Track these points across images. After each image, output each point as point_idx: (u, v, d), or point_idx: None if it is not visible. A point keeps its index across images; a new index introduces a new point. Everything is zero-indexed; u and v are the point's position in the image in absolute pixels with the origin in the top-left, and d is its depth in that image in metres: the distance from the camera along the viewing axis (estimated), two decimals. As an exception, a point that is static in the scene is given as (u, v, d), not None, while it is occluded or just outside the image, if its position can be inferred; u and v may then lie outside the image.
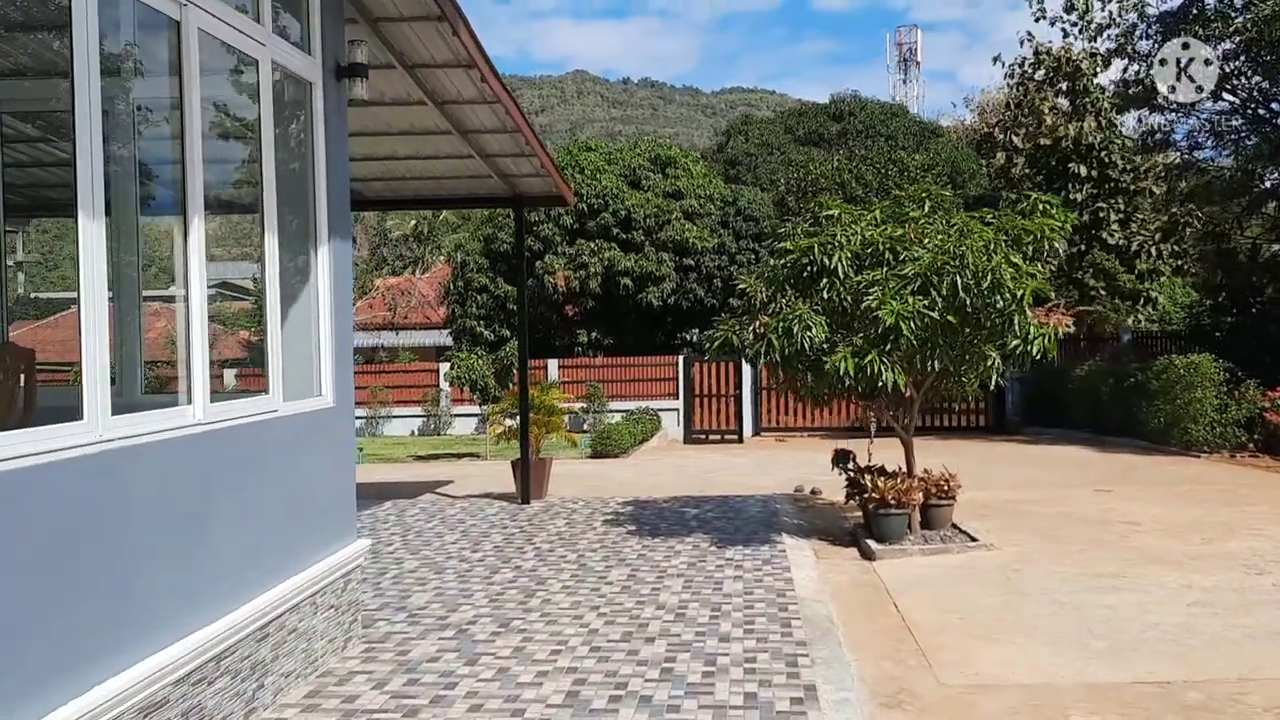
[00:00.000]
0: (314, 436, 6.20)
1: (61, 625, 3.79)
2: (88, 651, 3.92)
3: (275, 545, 5.59)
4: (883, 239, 9.16)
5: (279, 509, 5.65)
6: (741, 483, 14.96)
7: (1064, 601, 7.58)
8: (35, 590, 3.66)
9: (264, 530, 5.45)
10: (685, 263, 28.49)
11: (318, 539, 6.18)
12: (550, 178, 12.20)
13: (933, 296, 8.63)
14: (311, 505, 6.11)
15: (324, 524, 6.30)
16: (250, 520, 5.29)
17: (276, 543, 5.61)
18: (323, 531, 6.27)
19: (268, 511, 5.51)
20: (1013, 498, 12.53)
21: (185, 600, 4.62)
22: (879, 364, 8.53)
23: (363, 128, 10.46)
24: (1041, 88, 24.94)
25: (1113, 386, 19.54)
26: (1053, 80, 24.35)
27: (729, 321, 9.80)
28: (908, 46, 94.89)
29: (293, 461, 5.86)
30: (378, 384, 27.71)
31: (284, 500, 5.71)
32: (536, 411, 13.34)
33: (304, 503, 6.00)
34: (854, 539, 10.28)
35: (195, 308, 4.89)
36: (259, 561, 5.38)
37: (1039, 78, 24.62)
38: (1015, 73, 25.35)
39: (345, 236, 6.66)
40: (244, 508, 5.24)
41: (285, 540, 5.72)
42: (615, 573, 8.76)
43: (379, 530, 11.10)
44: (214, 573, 4.89)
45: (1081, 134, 22.53)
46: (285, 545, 5.72)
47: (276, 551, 5.60)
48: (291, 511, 5.81)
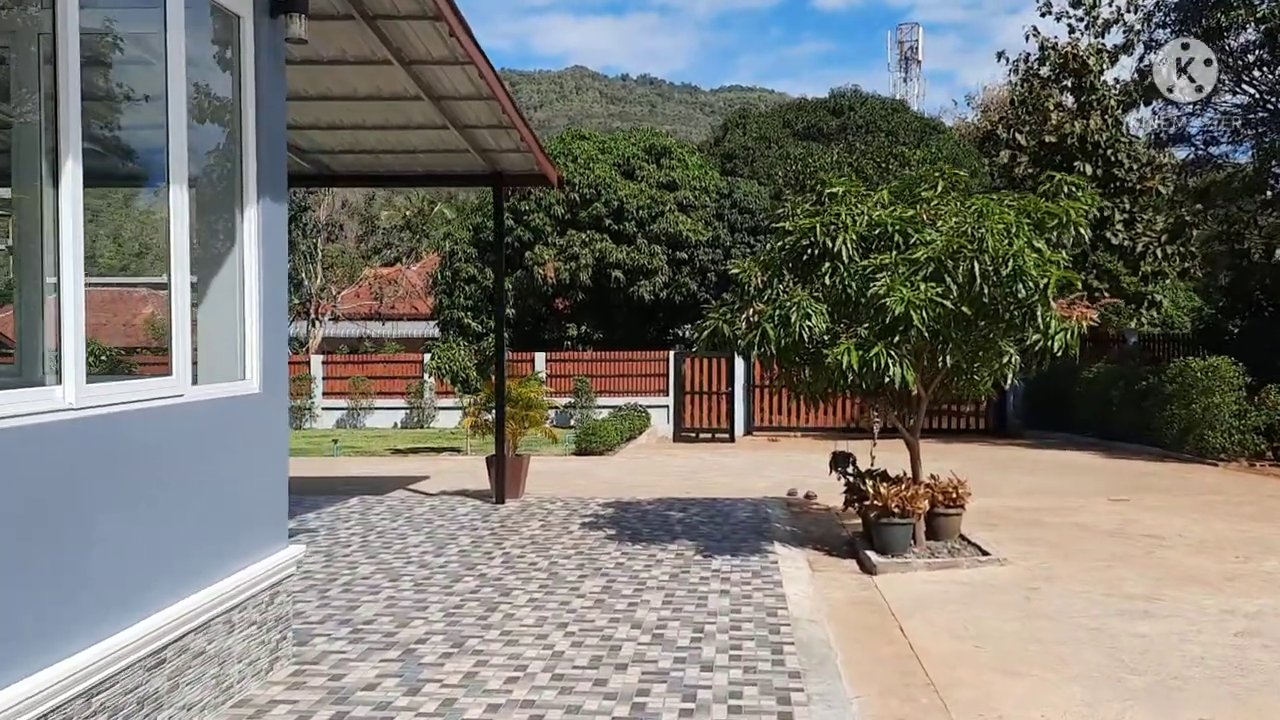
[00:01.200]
0: (235, 427, 5.33)
1: None
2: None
3: (176, 554, 4.72)
4: (892, 220, 8.30)
5: (183, 511, 4.78)
6: (731, 484, 14.10)
7: (1092, 628, 6.72)
8: None
9: (160, 537, 4.58)
10: (679, 256, 27.65)
11: (236, 546, 5.31)
12: (532, 153, 11.32)
13: (947, 284, 7.78)
14: (229, 507, 5.24)
15: (245, 528, 5.42)
16: (140, 525, 4.42)
17: (178, 551, 4.74)
18: (243, 537, 5.39)
19: (166, 514, 4.63)
20: (1022, 506, 11.69)
21: (36, 626, 3.75)
22: (886, 358, 7.67)
23: (326, 91, 9.62)
24: (1047, 84, 24.54)
25: (1123, 390, 18.72)
26: (1058, 77, 23.87)
27: (720, 310, 8.93)
28: (909, 45, 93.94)
29: (203, 456, 4.99)
30: (361, 374, 26.87)
31: (190, 501, 4.84)
32: (514, 405, 12.47)
33: (218, 504, 5.12)
34: (852, 549, 9.43)
35: (68, 269, 4.00)
36: (152, 574, 4.51)
37: (1044, 74, 24.21)
38: (1020, 69, 25.00)
39: (279, 197, 5.78)
40: (132, 510, 4.36)
41: (191, 548, 4.85)
42: (589, 584, 7.89)
43: (338, 530, 10.23)
44: (83, 590, 4.02)
45: (1087, 131, 21.86)
46: (190, 554, 4.85)
47: (178, 561, 4.73)
48: (200, 514, 4.94)
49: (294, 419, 26.46)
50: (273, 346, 5.71)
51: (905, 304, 7.55)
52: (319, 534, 10.04)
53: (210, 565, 5.02)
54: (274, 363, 5.71)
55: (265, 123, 5.60)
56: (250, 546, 5.46)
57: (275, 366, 5.73)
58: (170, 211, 4.76)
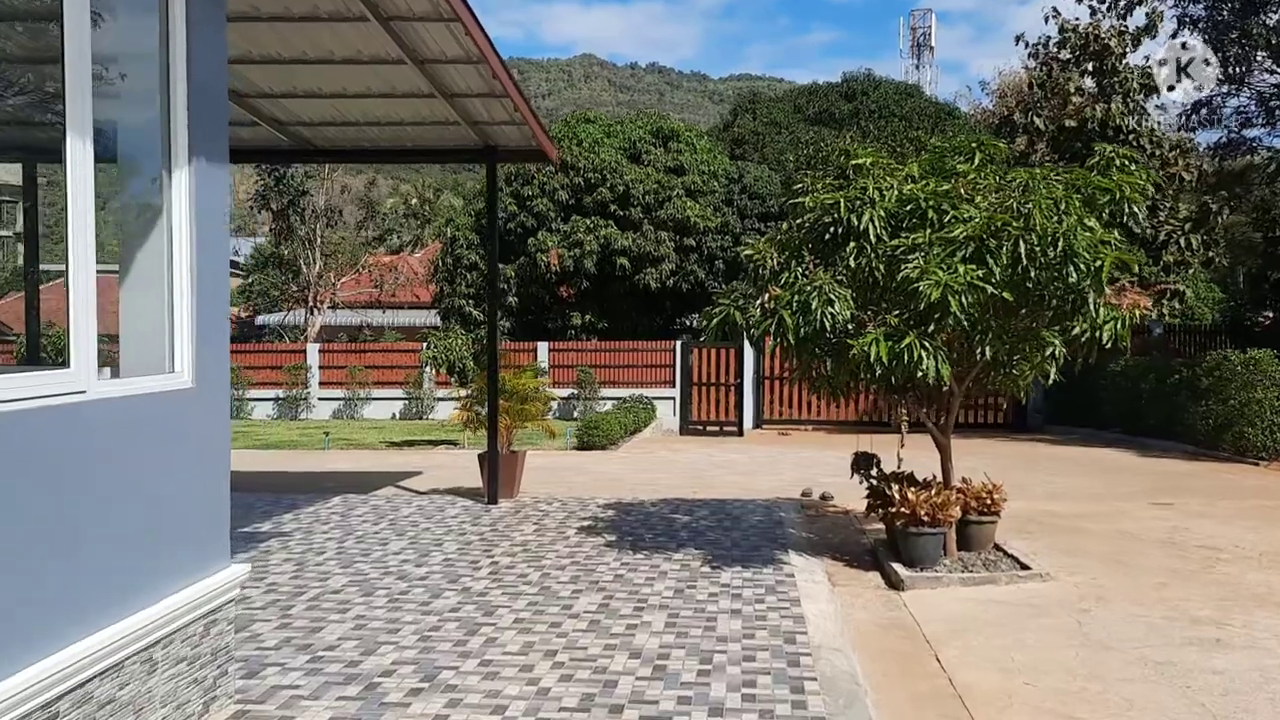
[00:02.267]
0: (159, 428, 4.48)
1: None
2: None
3: (75, 584, 3.88)
4: (925, 195, 7.41)
5: (84, 531, 3.94)
6: (741, 483, 13.25)
7: (1159, 661, 5.86)
8: None
9: (49, 567, 3.74)
10: (686, 243, 26.76)
11: (160, 569, 4.47)
12: (528, 126, 10.45)
13: (989, 266, 6.89)
14: (150, 523, 4.40)
15: (173, 548, 4.58)
16: (19, 553, 3.58)
17: (78, 580, 3.90)
18: (170, 558, 4.56)
19: (59, 537, 3.80)
20: (1057, 511, 10.81)
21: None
22: (919, 349, 6.79)
23: (301, 54, 8.76)
24: (1067, 68, 23.95)
25: (1153, 383, 17.80)
26: (1079, 60, 23.27)
27: (732, 296, 8.04)
28: (921, 31, 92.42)
29: (114, 463, 4.15)
30: (359, 364, 26.08)
31: (93, 518, 4.00)
32: (509, 398, 11.62)
33: (135, 520, 4.28)
34: (875, 560, 8.57)
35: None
36: (39, 610, 3.68)
37: (1064, 57, 23.63)
38: (1039, 52, 24.50)
39: (217, 161, 4.92)
40: (10, 532, 3.52)
41: (96, 575, 4.01)
42: (584, 601, 7.05)
43: (314, 534, 9.40)
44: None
45: (1109, 115, 21.04)
46: (96, 582, 4.01)
47: (77, 592, 3.90)
48: (109, 534, 4.10)
49: (289, 410, 25.71)
50: (210, 334, 4.86)
51: (942, 288, 6.67)
52: (293, 538, 9.21)
53: (124, 594, 4.18)
54: (211, 353, 4.87)
55: (199, 73, 4.74)
56: (180, 568, 4.62)
57: (213, 357, 4.89)
58: (68, 170, 3.91)
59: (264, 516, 10.28)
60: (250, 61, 8.92)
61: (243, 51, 8.71)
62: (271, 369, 26.20)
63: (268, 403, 25.96)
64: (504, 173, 28.40)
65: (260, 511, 10.56)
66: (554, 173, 26.85)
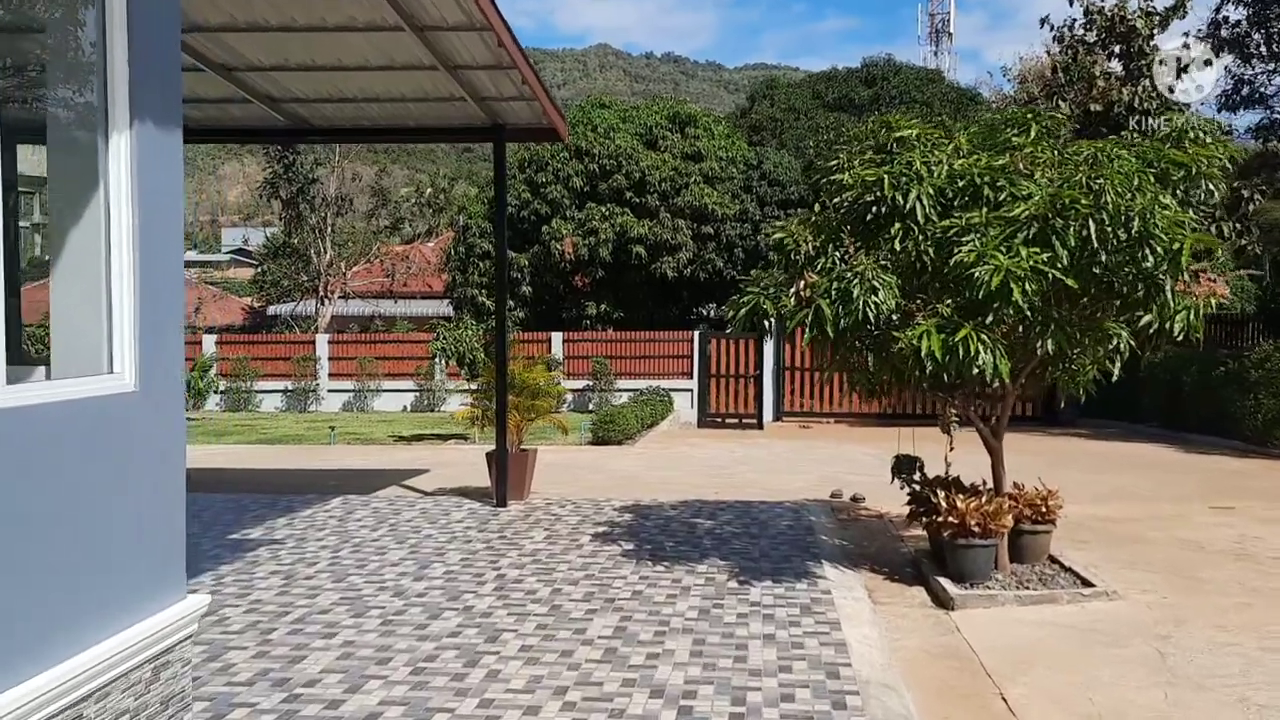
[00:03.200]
0: (92, 438, 3.78)
1: None
2: None
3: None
4: (980, 170, 6.62)
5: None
6: (764, 482, 12.50)
7: (1263, 704, 5.08)
8: None
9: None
10: (704, 230, 25.98)
11: (91, 607, 3.77)
12: (537, 102, 9.71)
13: (1054, 249, 6.11)
14: (79, 552, 3.70)
15: (110, 581, 3.88)
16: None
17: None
18: (106, 593, 3.85)
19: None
20: (1108, 515, 10.02)
21: None
22: (976, 343, 6.02)
23: (290, 20, 8.06)
24: (1092, 50, 23.37)
25: (1195, 376, 16.93)
26: (1105, 42, 22.66)
27: (761, 284, 7.27)
28: (940, 17, 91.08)
29: (29, 480, 3.44)
30: (369, 355, 25.43)
31: (7, 549, 3.29)
32: (519, 393, 10.89)
33: (59, 549, 3.58)
34: (918, 572, 7.82)
35: None
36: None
37: (1090, 39, 23.06)
38: (1064, 35, 23.98)
39: (168, 125, 4.20)
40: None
41: (5, 620, 3.31)
42: (599, 623, 6.32)
43: (308, 542, 8.71)
44: None
45: (1135, 98, 20.28)
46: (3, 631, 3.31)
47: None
48: (19, 568, 3.39)
49: (298, 402, 25.09)
50: (158, 330, 4.15)
51: (1003, 274, 5.89)
52: (285, 546, 8.53)
53: (40, 642, 3.48)
54: (160, 351, 4.16)
55: (141, 15, 4.01)
56: (120, 605, 3.92)
57: (162, 356, 4.17)
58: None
59: (256, 521, 9.60)
60: (236, 29, 8.22)
61: (227, 18, 8.01)
62: (280, 360, 25.58)
63: (276, 395, 25.37)
64: (516, 158, 27.67)
65: (253, 515, 9.88)
66: (568, 159, 26.12)
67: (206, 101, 10.13)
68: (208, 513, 9.99)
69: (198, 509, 10.16)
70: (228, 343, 26.79)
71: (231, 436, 18.66)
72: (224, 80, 9.28)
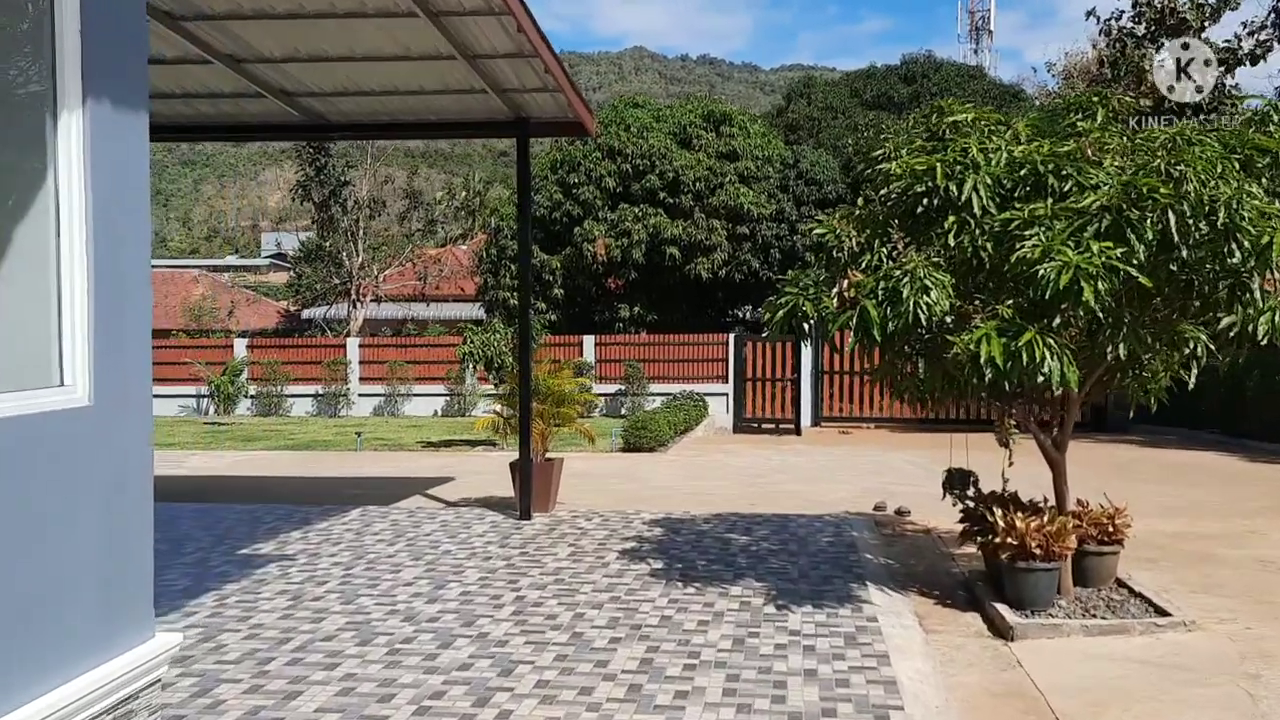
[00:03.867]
0: (34, 459, 3.30)
1: None
2: None
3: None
4: (1043, 158, 6.02)
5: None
6: (803, 493, 11.90)
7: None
8: None
9: None
10: (739, 231, 25.38)
11: (31, 655, 3.29)
12: (562, 93, 9.19)
13: (1130, 243, 5.49)
14: (20, 595, 3.21)
15: (58, 625, 3.40)
16: None
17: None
18: (52, 638, 3.37)
19: None
20: (1175, 531, 9.34)
21: None
22: (1042, 348, 5.41)
23: (298, 7, 7.62)
24: (1141, 43, 22.83)
25: (1259, 380, 16.11)
26: (1154, 35, 22.10)
27: (800, 281, 6.69)
28: (980, 15, 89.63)
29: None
30: (400, 359, 25.09)
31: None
32: (543, 400, 10.38)
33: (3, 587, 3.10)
34: (972, 596, 7.21)
35: None
36: None
37: (1139, 32, 22.56)
38: (1111, 28, 23.45)
39: (132, 103, 3.72)
40: None
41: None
42: (623, 655, 5.79)
43: (321, 558, 8.24)
44: None
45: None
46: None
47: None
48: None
49: (329, 407, 24.79)
50: (118, 336, 3.67)
51: (1072, 272, 5.29)
52: (296, 563, 8.07)
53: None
54: (120, 361, 3.67)
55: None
56: (68, 652, 3.44)
57: (123, 366, 3.69)
58: None
59: (269, 534, 9.16)
60: (242, 17, 7.79)
61: (232, 4, 7.57)
62: (311, 364, 25.31)
63: (307, 399, 25.10)
64: (549, 159, 27.23)
65: (266, 528, 9.44)
66: (600, 159, 25.65)
67: (220, 96, 9.72)
68: (220, 525, 9.57)
69: (210, 521, 9.75)
70: (259, 346, 26.58)
71: (259, 442, 18.33)
72: (234, 73, 8.85)
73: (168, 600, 6.89)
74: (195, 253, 72.35)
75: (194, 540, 8.88)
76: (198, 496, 11.44)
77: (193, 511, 10.27)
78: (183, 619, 6.47)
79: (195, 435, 19.62)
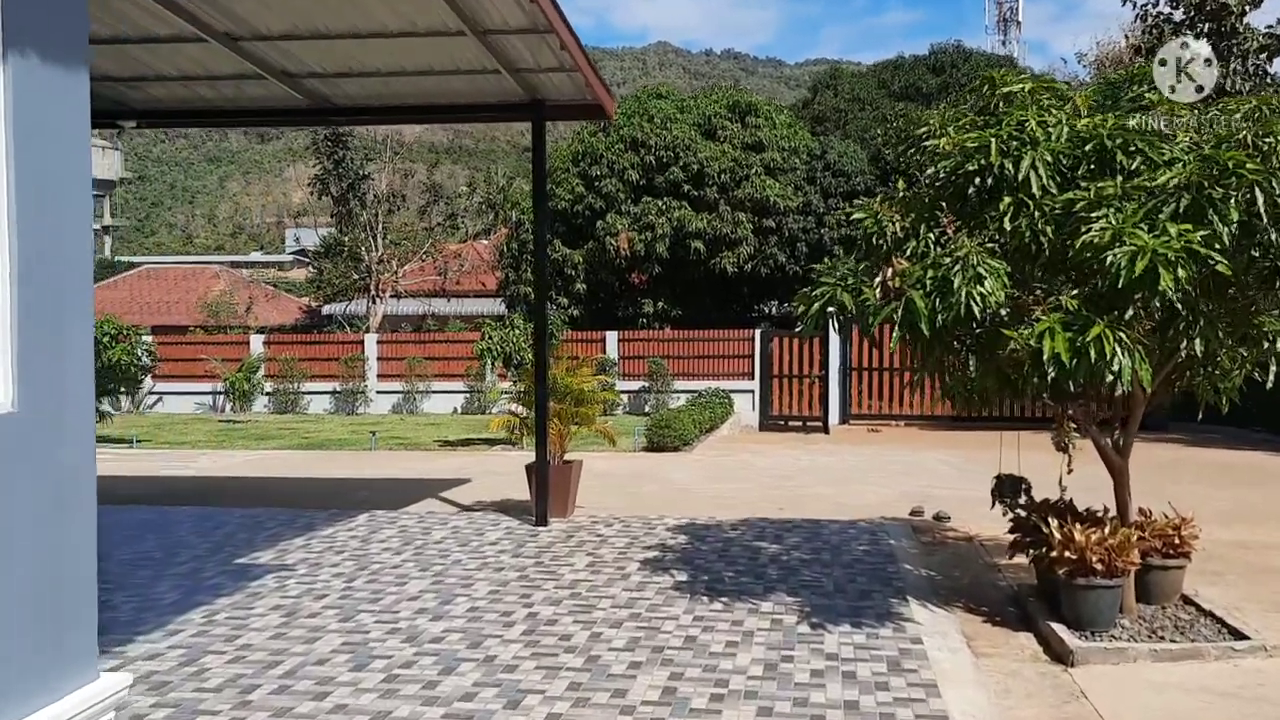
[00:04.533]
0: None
1: None
2: None
3: None
4: (1110, 132, 5.41)
5: None
6: (834, 496, 11.31)
7: None
8: None
9: None
10: (765, 224, 24.75)
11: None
12: (579, 73, 8.65)
13: (1213, 225, 4.88)
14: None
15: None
16: None
17: None
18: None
19: None
20: (1238, 540, 8.70)
21: None
22: (1112, 343, 4.81)
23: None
24: (1179, 30, 22.18)
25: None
26: (1193, 21, 21.48)
27: (837, 272, 6.10)
28: (1008, 6, 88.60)
29: None
30: (419, 355, 24.64)
31: None
32: (561, 400, 9.85)
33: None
34: (1023, 614, 6.61)
35: None
36: None
37: (1177, 18, 22.01)
38: (1147, 14, 22.83)
39: (66, 60, 3.19)
40: None
41: None
42: (643, 683, 5.24)
43: (321, 568, 7.74)
44: None
45: (1226, 80, 19.07)
46: None
47: None
48: None
49: (346, 404, 24.38)
50: (52, 332, 3.14)
51: (1148, 258, 4.69)
52: (295, 574, 7.57)
53: None
54: (54, 361, 3.16)
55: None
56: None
57: (58, 368, 3.17)
58: None
59: (270, 542, 8.67)
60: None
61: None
62: (328, 361, 24.91)
63: (324, 396, 24.71)
64: (570, 151, 26.69)
65: (267, 535, 8.95)
66: (623, 151, 25.09)
67: (220, 78, 9.23)
68: (219, 531, 9.10)
69: (209, 527, 9.29)
70: (276, 343, 26.19)
71: (272, 441, 17.90)
72: (232, 52, 8.35)
73: (153, 616, 6.42)
74: (220, 249, 72.51)
75: (189, 548, 8.40)
76: (200, 499, 11.00)
77: (192, 516, 9.82)
78: (165, 638, 5.97)
79: (208, 433, 19.24)
